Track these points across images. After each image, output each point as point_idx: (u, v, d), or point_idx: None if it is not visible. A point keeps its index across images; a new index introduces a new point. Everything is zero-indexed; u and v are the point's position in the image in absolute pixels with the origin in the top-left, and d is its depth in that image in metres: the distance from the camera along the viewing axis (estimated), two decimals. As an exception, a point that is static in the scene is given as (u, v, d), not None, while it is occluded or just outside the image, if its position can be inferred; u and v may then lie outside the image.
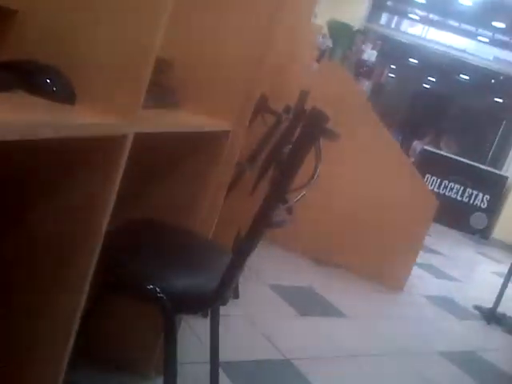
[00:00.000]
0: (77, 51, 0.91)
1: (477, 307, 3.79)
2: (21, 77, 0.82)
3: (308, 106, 2.18)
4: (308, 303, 2.92)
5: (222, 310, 1.51)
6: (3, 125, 0.60)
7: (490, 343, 3.26)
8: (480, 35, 9.57)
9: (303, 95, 2.38)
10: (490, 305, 3.71)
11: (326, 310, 2.91)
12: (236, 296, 2.56)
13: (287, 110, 2.18)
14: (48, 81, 0.84)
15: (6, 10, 0.89)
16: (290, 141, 2.06)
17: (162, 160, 1.56)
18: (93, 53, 0.90)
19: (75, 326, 0.98)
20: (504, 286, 3.69)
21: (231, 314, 2.38)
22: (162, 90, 1.31)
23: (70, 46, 0.90)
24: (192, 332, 2.09)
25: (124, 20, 0.89)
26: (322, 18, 4.47)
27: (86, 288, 0.97)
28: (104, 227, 0.94)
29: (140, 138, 0.94)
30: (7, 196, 0.96)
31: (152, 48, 0.89)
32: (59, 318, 0.97)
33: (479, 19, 9.20)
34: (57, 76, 0.86)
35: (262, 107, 1.94)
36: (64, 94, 0.85)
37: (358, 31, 5.05)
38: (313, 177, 1.26)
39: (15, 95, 0.80)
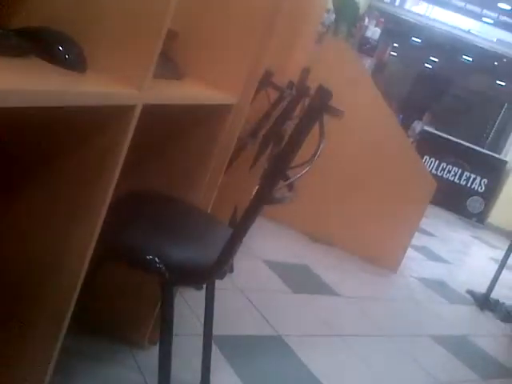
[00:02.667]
0: (90, 20, 0.91)
1: (470, 292, 3.80)
2: (35, 43, 0.83)
3: (310, 83, 2.16)
4: (302, 280, 2.94)
5: (217, 283, 1.52)
6: (14, 92, 0.60)
7: (481, 329, 3.27)
8: (485, 16, 9.47)
9: (304, 72, 2.36)
10: (483, 290, 3.72)
11: (320, 288, 2.93)
12: (231, 270, 2.57)
13: (290, 85, 2.16)
14: (60, 48, 0.85)
15: None
16: (291, 117, 2.05)
17: (165, 132, 1.55)
18: (106, 21, 0.91)
19: (76, 294, 0.98)
20: (498, 272, 3.70)
21: (225, 287, 2.39)
22: (167, 60, 1.29)
23: (83, 15, 0.91)
24: (186, 304, 2.10)
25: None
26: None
27: (89, 255, 0.97)
28: (109, 196, 0.94)
29: (146, 108, 0.93)
30: (13, 162, 0.96)
31: (165, 18, 0.89)
32: (62, 283, 0.98)
33: (485, 0, 9.09)
34: (69, 44, 0.87)
35: (266, 82, 1.92)
36: (75, 61, 0.86)
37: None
38: (316, 154, 1.26)
39: (29, 61, 0.81)
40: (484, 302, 3.64)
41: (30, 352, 1.01)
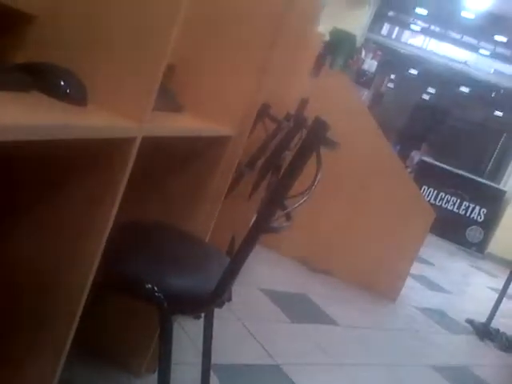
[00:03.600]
0: (90, 55, 0.94)
1: (470, 321, 3.78)
2: (38, 78, 0.85)
3: (307, 113, 2.20)
4: (300, 310, 2.93)
5: (215, 312, 1.53)
6: (17, 126, 0.62)
7: (481, 359, 3.25)
8: (481, 48, 9.63)
9: (302, 103, 2.40)
10: (483, 319, 3.71)
11: (319, 317, 2.92)
12: (229, 299, 2.57)
13: (288, 117, 2.20)
14: (62, 83, 0.87)
15: (26, 15, 0.93)
16: (288, 147, 2.09)
17: (164, 162, 1.58)
18: (106, 56, 0.93)
19: (75, 325, 1.00)
20: (498, 301, 3.68)
21: (223, 316, 2.39)
22: (165, 93, 1.33)
23: (84, 50, 0.94)
24: (184, 333, 2.10)
25: (138, 25, 0.93)
26: (323, 26, 4.49)
27: (89, 283, 0.99)
28: (109, 226, 0.96)
29: (145, 140, 0.96)
30: (15, 193, 0.98)
31: (164, 54, 0.92)
32: (61, 314, 0.99)
33: (481, 32, 9.26)
34: (70, 78, 0.89)
35: (263, 114, 1.96)
36: (77, 95, 0.88)
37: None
38: (313, 184, 1.28)
39: (31, 96, 0.83)
40: (484, 331, 3.62)
41: (29, 377, 1.02)
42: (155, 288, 1.16)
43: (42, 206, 0.98)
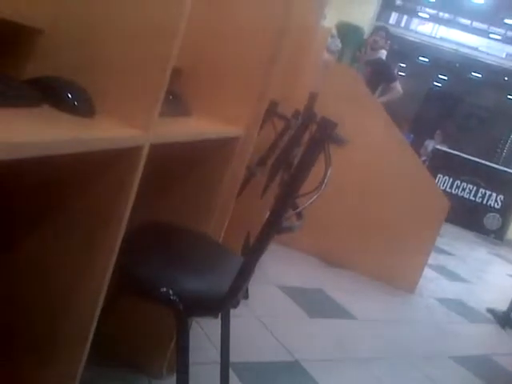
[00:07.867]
0: (96, 66, 0.95)
1: (490, 310, 3.75)
2: (45, 93, 0.87)
3: (317, 109, 2.19)
4: (318, 305, 2.93)
5: (232, 310, 1.54)
6: (26, 144, 0.64)
7: (503, 348, 3.22)
8: (492, 33, 9.51)
9: (312, 98, 2.40)
10: (504, 308, 3.67)
11: (336, 311, 2.92)
12: (246, 297, 2.58)
13: (296, 114, 2.20)
14: (69, 96, 0.89)
15: (32, 29, 0.94)
16: (299, 144, 2.09)
17: (174, 164, 1.59)
18: (111, 67, 0.95)
19: (93, 328, 1.01)
20: (519, 289, 3.66)
21: (241, 314, 2.40)
22: (173, 97, 1.34)
23: (90, 62, 0.95)
24: (203, 332, 2.12)
25: (141, 33, 0.94)
26: (330, 19, 4.47)
27: (104, 291, 1.00)
28: (121, 233, 0.97)
29: (153, 147, 0.97)
30: (29, 204, 1.00)
31: (168, 61, 0.93)
32: (78, 318, 1.01)
33: (491, 16, 9.15)
34: (78, 91, 0.91)
35: (271, 113, 1.96)
36: (84, 108, 0.90)
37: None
38: (323, 182, 1.28)
39: (40, 110, 0.84)
40: (505, 320, 3.58)
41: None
42: (170, 291, 1.17)
43: (53, 216, 1.00)
